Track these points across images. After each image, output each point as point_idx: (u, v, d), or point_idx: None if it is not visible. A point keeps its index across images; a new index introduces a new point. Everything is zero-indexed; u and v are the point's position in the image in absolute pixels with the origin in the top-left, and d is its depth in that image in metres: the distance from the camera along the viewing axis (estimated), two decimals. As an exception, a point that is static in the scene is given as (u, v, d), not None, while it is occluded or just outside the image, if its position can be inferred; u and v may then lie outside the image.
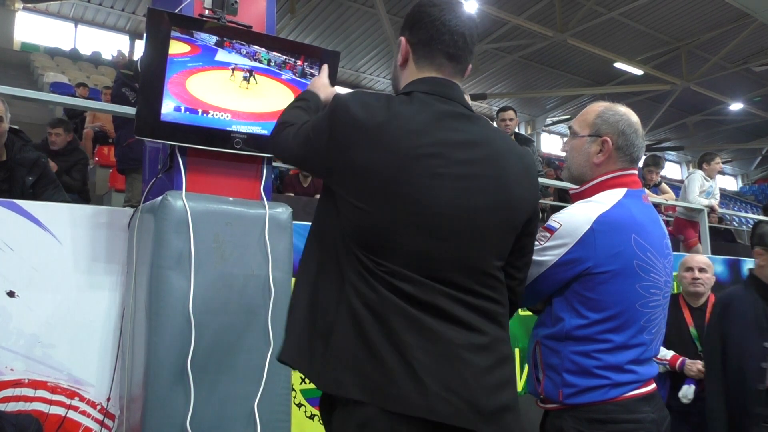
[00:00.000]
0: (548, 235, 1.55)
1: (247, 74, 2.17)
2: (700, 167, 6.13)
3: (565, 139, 1.80)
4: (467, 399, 1.18)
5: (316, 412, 2.61)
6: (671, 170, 23.55)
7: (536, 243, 1.57)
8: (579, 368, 1.49)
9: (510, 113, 5.16)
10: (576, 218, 1.54)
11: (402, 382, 1.16)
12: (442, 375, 1.17)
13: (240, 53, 2.15)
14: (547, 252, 1.53)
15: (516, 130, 5.56)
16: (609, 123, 1.64)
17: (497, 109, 5.58)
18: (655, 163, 6.22)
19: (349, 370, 1.19)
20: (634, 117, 1.68)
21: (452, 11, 1.32)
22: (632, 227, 1.53)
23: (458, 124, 1.28)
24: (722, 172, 25.12)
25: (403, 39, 1.37)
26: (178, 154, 2.12)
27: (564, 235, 1.52)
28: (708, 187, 5.96)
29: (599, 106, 1.69)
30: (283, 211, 2.20)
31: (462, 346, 1.20)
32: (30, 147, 3.28)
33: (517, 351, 3.21)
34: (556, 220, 1.57)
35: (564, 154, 1.76)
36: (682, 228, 6.24)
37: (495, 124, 5.33)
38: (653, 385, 1.57)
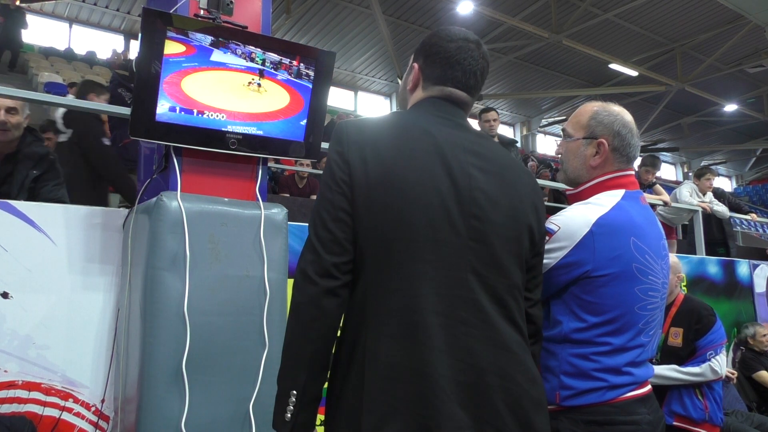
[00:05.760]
0: (546, 237, 1.52)
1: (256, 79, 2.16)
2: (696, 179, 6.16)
3: (559, 140, 1.79)
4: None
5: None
6: (666, 171, 23.61)
7: None
8: (577, 370, 1.48)
9: (493, 114, 5.19)
10: (575, 221, 1.52)
11: None
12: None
13: (235, 53, 2.14)
14: (546, 255, 1.50)
15: (510, 131, 5.57)
16: (603, 124, 1.61)
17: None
18: (652, 163, 6.17)
19: None
20: (628, 116, 1.65)
21: (468, 50, 1.34)
22: (631, 230, 1.51)
23: (467, 135, 1.31)
24: (717, 174, 25.19)
25: (416, 66, 1.39)
26: (173, 155, 2.11)
27: (563, 238, 1.50)
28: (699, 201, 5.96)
29: (592, 106, 1.66)
30: (278, 212, 2.20)
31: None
32: (41, 144, 3.26)
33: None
34: (554, 222, 1.54)
35: (558, 156, 1.74)
36: None
37: (478, 125, 5.35)
38: (649, 387, 1.56)
